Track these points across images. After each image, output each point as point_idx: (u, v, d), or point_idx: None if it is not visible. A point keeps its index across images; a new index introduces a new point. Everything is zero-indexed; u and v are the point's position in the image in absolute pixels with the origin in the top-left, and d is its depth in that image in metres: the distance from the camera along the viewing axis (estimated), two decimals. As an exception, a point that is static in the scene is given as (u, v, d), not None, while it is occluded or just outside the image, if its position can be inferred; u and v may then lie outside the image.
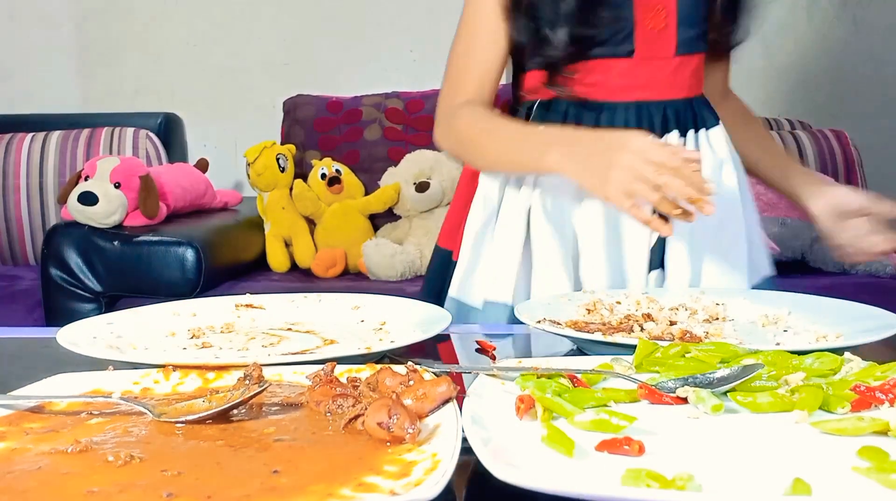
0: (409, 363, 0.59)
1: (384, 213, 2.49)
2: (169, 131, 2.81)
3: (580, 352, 0.79)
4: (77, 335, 0.76)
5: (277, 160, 2.39)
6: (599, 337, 0.75)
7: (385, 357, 0.75)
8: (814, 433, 0.52)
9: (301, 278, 2.34)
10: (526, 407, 0.55)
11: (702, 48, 1.09)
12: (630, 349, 0.69)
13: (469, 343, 0.85)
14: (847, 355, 0.64)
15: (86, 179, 2.09)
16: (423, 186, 2.41)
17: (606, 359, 0.66)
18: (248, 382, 0.58)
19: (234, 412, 0.56)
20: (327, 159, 2.51)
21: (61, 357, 0.71)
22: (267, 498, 0.42)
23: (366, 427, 0.50)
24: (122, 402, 0.58)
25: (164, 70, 2.97)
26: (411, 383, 0.55)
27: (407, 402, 0.53)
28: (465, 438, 0.48)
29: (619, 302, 0.93)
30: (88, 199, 2.01)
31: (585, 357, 0.69)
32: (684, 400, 0.58)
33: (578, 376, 0.61)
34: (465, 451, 0.46)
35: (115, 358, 0.69)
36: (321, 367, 0.60)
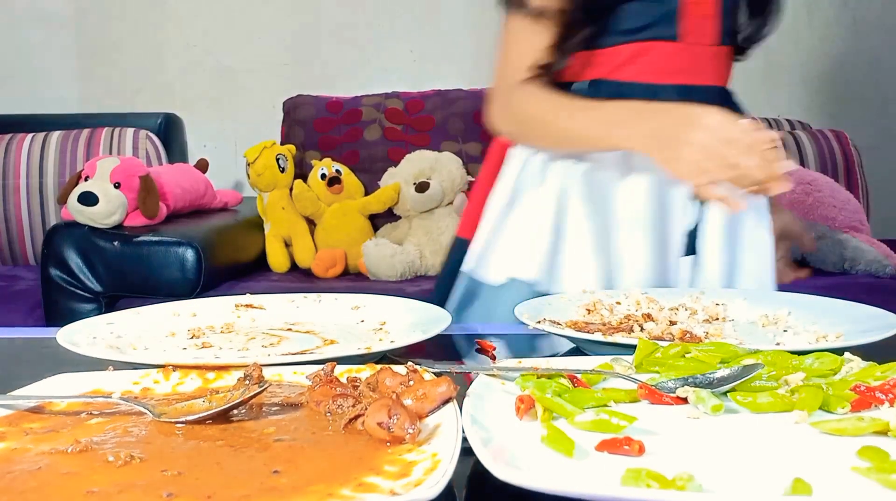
0: (409, 364, 0.59)
1: (384, 213, 2.49)
2: (169, 131, 2.81)
3: (580, 352, 0.79)
4: (77, 336, 0.76)
5: (277, 160, 2.39)
6: (599, 337, 0.75)
7: (385, 357, 0.75)
8: (814, 434, 0.52)
9: (301, 279, 2.34)
10: (526, 407, 0.55)
11: (735, 41, 1.11)
12: (630, 349, 0.69)
13: (469, 343, 0.85)
14: (847, 355, 0.64)
15: (86, 180, 2.09)
16: (422, 187, 2.41)
17: (606, 359, 0.66)
18: (248, 382, 0.58)
19: (234, 412, 0.56)
20: (327, 160, 2.51)
21: (61, 357, 0.71)
22: (267, 498, 0.42)
23: (366, 427, 0.50)
24: (122, 402, 0.58)
25: (164, 70, 2.97)
26: (411, 383, 0.55)
27: (407, 402, 0.53)
28: (465, 438, 0.48)
29: (619, 302, 0.93)
30: (88, 199, 2.01)
31: (585, 357, 0.69)
32: (684, 400, 0.58)
33: (578, 376, 0.61)
34: (465, 451, 0.46)
35: (115, 358, 0.69)
36: (321, 367, 0.60)
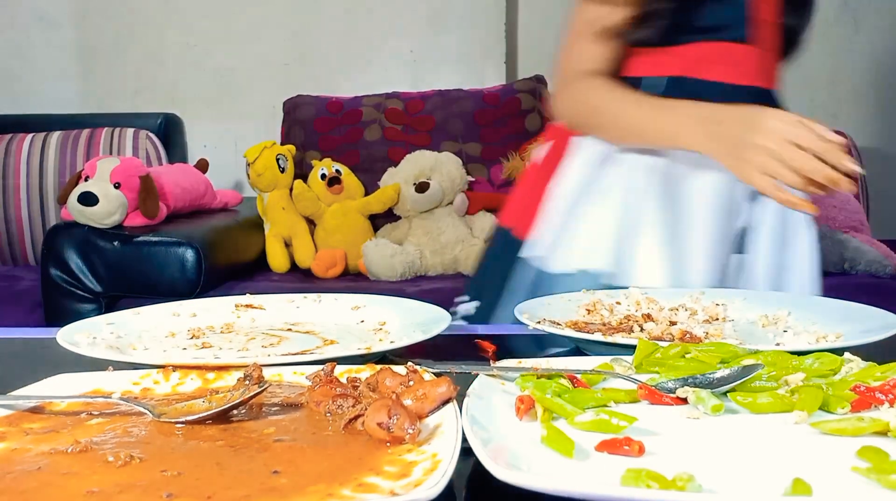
0: (409, 364, 0.59)
1: (384, 213, 2.49)
2: (169, 132, 2.81)
3: (580, 352, 0.79)
4: (77, 336, 0.76)
5: (277, 161, 2.39)
6: (599, 337, 0.75)
7: (385, 358, 0.74)
8: (814, 434, 0.52)
9: (301, 279, 2.34)
10: (526, 408, 0.55)
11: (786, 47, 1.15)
12: (630, 349, 0.69)
13: (469, 343, 0.85)
14: (847, 355, 0.64)
15: (86, 180, 2.09)
16: (422, 187, 2.41)
17: (606, 359, 0.66)
18: (248, 382, 0.58)
19: (234, 412, 0.56)
20: (327, 160, 2.51)
21: (61, 357, 0.71)
22: (267, 498, 0.42)
23: (366, 428, 0.50)
24: (122, 402, 0.58)
25: (164, 70, 2.97)
26: (411, 383, 0.55)
27: (407, 402, 0.53)
28: (465, 438, 0.48)
29: (619, 302, 0.93)
30: (88, 199, 2.01)
31: (585, 358, 0.69)
32: (684, 401, 0.58)
33: (578, 376, 0.61)
34: (465, 451, 0.46)
35: (115, 358, 0.69)
36: (321, 367, 0.60)
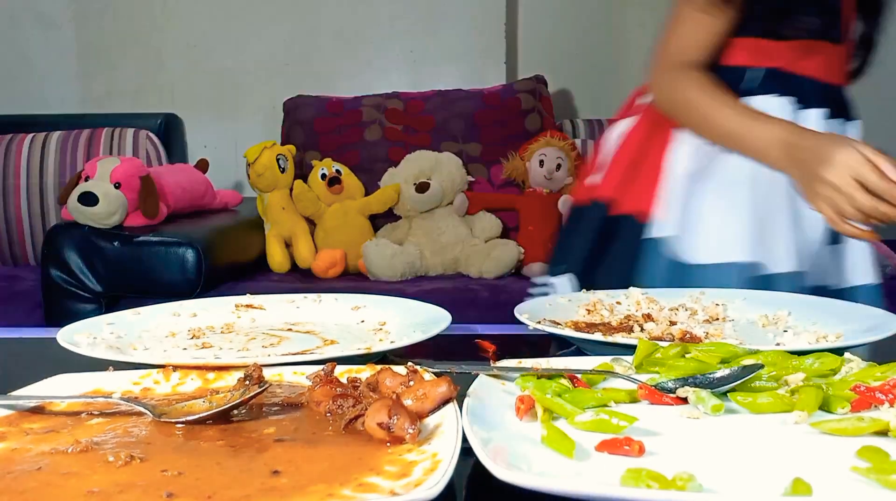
0: (409, 364, 0.59)
1: (384, 213, 2.49)
2: (169, 132, 2.81)
3: (580, 352, 0.79)
4: (77, 336, 0.76)
5: (277, 161, 2.39)
6: (599, 337, 0.75)
7: (385, 358, 0.74)
8: (814, 434, 0.52)
9: (301, 279, 2.34)
10: (526, 408, 0.55)
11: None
12: (630, 349, 0.69)
13: (469, 343, 0.85)
14: (847, 355, 0.64)
15: (86, 180, 2.09)
16: (423, 187, 2.41)
17: (606, 359, 0.66)
18: (248, 382, 0.58)
19: (235, 412, 0.56)
20: (327, 160, 2.51)
21: (61, 358, 0.71)
22: (267, 498, 0.42)
23: (366, 428, 0.50)
24: (122, 402, 0.58)
25: (164, 70, 2.97)
26: (411, 383, 0.55)
27: (407, 402, 0.53)
28: (465, 438, 0.48)
29: (619, 302, 0.93)
30: (89, 199, 2.01)
31: (585, 357, 0.69)
32: (684, 400, 0.58)
33: (578, 376, 0.61)
34: (465, 451, 0.46)
35: (116, 358, 0.69)
36: (321, 367, 0.60)
